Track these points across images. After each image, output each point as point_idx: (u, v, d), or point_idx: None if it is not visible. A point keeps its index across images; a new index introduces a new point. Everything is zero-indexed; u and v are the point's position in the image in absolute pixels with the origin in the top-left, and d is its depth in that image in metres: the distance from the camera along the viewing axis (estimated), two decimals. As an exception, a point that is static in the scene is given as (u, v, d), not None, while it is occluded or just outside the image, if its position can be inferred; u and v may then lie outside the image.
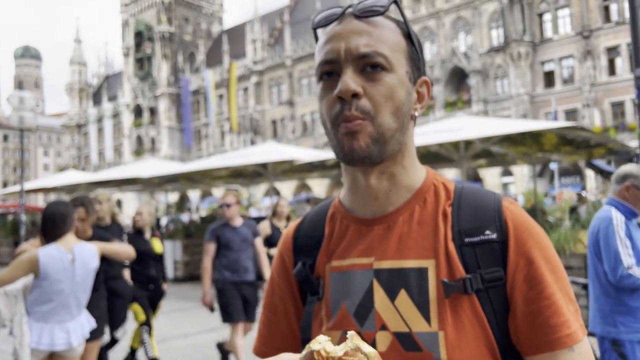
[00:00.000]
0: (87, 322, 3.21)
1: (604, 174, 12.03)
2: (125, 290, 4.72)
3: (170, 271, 11.74)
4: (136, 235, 5.42)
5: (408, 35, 0.84)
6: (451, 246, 0.79)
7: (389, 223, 0.83)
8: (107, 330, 4.29)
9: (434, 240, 0.80)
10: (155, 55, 56.87)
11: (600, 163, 13.41)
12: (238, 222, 5.06)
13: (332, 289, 0.85)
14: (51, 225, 3.07)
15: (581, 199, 12.26)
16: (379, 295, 0.80)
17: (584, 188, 29.21)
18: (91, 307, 3.30)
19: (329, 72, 0.80)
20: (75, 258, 3.08)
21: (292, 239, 0.95)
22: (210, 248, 4.92)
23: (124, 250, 3.63)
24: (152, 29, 56.94)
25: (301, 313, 0.91)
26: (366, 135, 0.77)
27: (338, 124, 0.78)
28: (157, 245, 5.77)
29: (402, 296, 0.79)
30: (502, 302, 0.77)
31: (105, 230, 4.25)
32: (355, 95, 0.77)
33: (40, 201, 56.05)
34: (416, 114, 0.84)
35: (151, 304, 5.52)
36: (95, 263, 3.22)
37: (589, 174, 28.13)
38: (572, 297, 0.78)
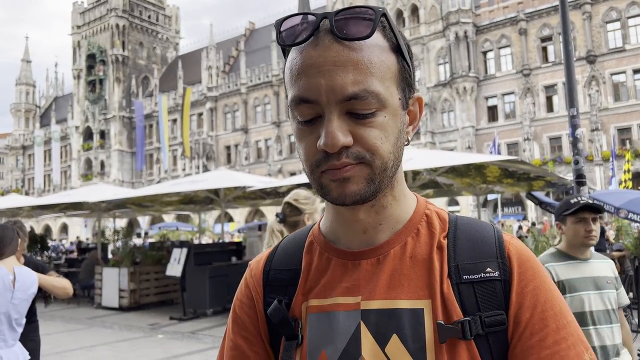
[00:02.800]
0: (21, 354, 3.04)
1: (543, 205, 12.68)
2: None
3: (114, 300, 11.41)
4: None
5: (398, 48, 0.70)
6: (447, 284, 0.69)
7: (379, 257, 0.73)
8: None
9: (429, 276, 0.70)
10: (107, 78, 55.81)
11: (540, 194, 14.12)
12: None
13: (311, 332, 0.73)
14: None
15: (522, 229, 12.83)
16: (367, 341, 0.69)
17: (524, 218, 30.51)
18: (24, 339, 3.14)
19: (308, 119, 0.68)
20: (17, 279, 2.99)
21: (262, 272, 0.81)
22: None
23: (62, 285, 3.37)
24: (105, 52, 55.99)
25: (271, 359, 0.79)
26: (361, 178, 0.67)
27: (322, 171, 0.68)
28: None
29: (394, 342, 0.68)
30: (502, 350, 0.68)
31: None
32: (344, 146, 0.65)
33: (-24, 226, 52.89)
34: (409, 138, 0.74)
35: None
36: (34, 290, 3.11)
37: (530, 204, 29.43)
38: (586, 343, 0.68)
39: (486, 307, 0.68)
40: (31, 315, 3.29)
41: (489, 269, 0.70)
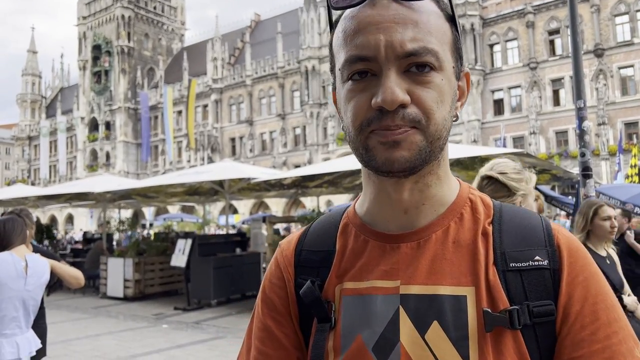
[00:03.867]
0: (33, 340, 3.09)
1: (548, 199, 12.63)
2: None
3: (119, 289, 11.49)
4: None
5: (452, 19, 0.70)
6: (493, 271, 0.66)
7: (420, 241, 0.70)
8: None
9: (473, 263, 0.67)
10: (113, 69, 55.84)
11: (545, 188, 14.06)
12: None
13: (346, 315, 0.70)
14: (3, 234, 3.01)
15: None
16: (406, 327, 0.66)
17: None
18: (33, 325, 3.18)
19: (363, 71, 0.65)
20: (29, 266, 3.02)
21: (294, 253, 0.79)
22: None
23: (76, 275, 3.41)
24: (111, 43, 55.97)
25: (301, 344, 0.75)
26: (413, 144, 0.64)
27: (369, 131, 0.65)
28: None
29: (435, 329, 0.65)
30: (550, 342, 0.65)
31: None
32: (401, 104, 0.63)
33: (-17, 216, 53.26)
34: (457, 114, 0.71)
35: None
36: (46, 277, 3.15)
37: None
38: (636, 338, 0.66)
39: (534, 296, 0.66)
40: (41, 302, 3.33)
41: (537, 257, 0.67)
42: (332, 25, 0.72)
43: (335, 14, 0.72)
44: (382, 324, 0.68)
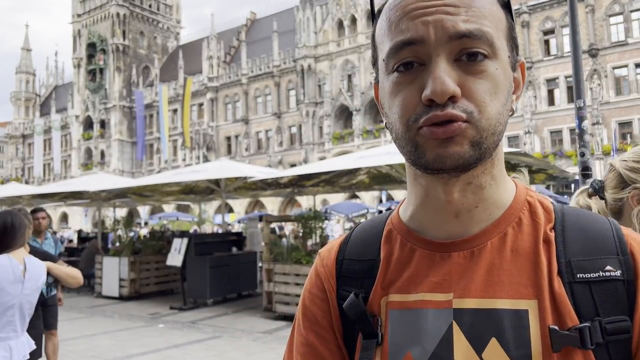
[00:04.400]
0: (27, 343, 3.06)
1: (543, 198, 12.69)
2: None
3: (115, 289, 11.44)
4: None
5: (507, 6, 0.65)
6: (558, 283, 0.60)
7: (473, 249, 0.64)
8: None
9: (535, 274, 0.61)
10: (108, 67, 55.61)
11: (540, 188, 14.14)
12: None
13: (393, 331, 0.65)
14: (3, 235, 2.97)
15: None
16: (461, 344, 0.61)
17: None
18: (28, 326, 3.15)
19: (409, 62, 0.60)
20: (27, 270, 2.99)
21: (335, 262, 0.74)
22: None
23: (74, 274, 3.43)
24: (106, 41, 55.74)
25: (345, 359, 0.71)
26: (465, 139, 0.59)
27: (419, 126, 0.60)
28: None
29: (493, 347, 0.59)
30: None
31: None
32: (451, 97, 0.58)
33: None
34: (514, 107, 0.66)
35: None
36: (43, 279, 3.12)
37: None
38: None
39: (606, 311, 0.58)
40: (36, 304, 3.30)
41: (608, 267, 0.60)
42: (375, 16, 0.67)
43: (377, 3, 0.68)
44: (434, 341, 0.62)
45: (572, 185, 10.93)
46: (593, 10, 31.88)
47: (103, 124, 55.49)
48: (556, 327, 0.58)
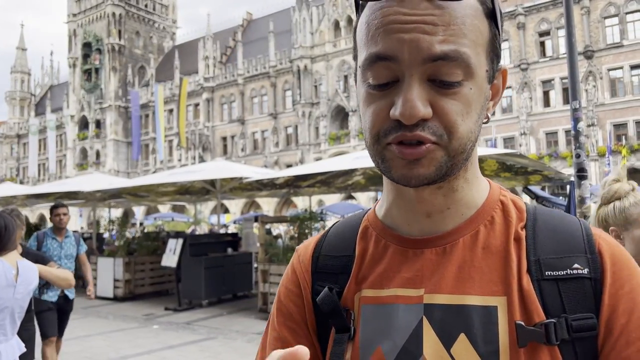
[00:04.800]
0: (17, 346, 3.02)
1: (539, 200, 12.70)
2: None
3: (109, 290, 11.38)
4: None
5: (492, 14, 0.62)
6: (527, 280, 0.61)
7: (446, 246, 0.65)
8: None
9: (505, 271, 0.62)
10: (103, 67, 55.42)
11: (536, 189, 14.14)
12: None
13: (365, 325, 0.66)
14: (5, 233, 2.92)
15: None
16: (430, 339, 0.61)
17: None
18: (20, 328, 3.11)
19: (383, 83, 0.60)
20: (19, 274, 2.95)
21: (311, 258, 0.75)
22: None
23: (64, 276, 3.41)
24: (101, 41, 55.55)
25: (318, 355, 0.71)
26: (433, 161, 0.59)
27: (387, 143, 0.60)
28: None
29: (462, 342, 0.60)
30: (590, 359, 0.59)
31: None
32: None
33: (-30, 214, 52.67)
34: (489, 114, 0.65)
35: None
36: (35, 283, 3.09)
37: (527, 198, 29.50)
38: None
39: (573, 308, 0.59)
40: (28, 305, 3.26)
41: (576, 265, 0.61)
42: (358, 7, 0.64)
43: None
44: (404, 335, 0.63)
45: (568, 187, 10.91)
46: (588, 12, 32.00)
47: (98, 124, 55.31)
48: (522, 323, 0.59)
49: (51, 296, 5.05)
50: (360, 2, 0.63)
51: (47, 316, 5.02)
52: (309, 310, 0.72)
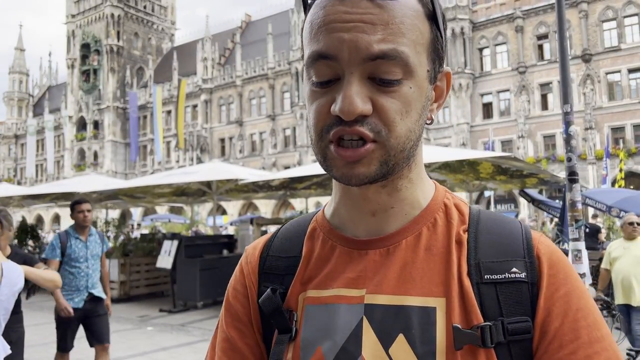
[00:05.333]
0: (2, 348, 2.94)
1: (535, 203, 12.69)
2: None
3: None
4: None
5: (433, 16, 0.63)
6: (467, 283, 0.61)
7: (389, 247, 0.65)
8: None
9: (446, 273, 0.62)
10: (102, 68, 55.39)
11: (532, 192, 14.14)
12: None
13: (307, 326, 0.66)
14: None
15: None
16: (369, 340, 0.62)
17: (517, 215, 30.62)
18: (8, 330, 3.06)
19: (325, 81, 0.61)
20: (4, 275, 2.95)
21: (259, 259, 0.74)
22: None
23: (51, 278, 3.33)
24: (100, 42, 55.53)
25: (263, 355, 0.71)
26: (374, 160, 0.60)
27: (329, 140, 0.61)
28: None
29: (400, 342, 0.60)
30: None
31: None
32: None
33: (-33, 215, 52.54)
34: (433, 116, 0.66)
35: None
36: (21, 284, 3.06)
37: (523, 201, 29.53)
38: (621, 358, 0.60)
39: (510, 311, 0.60)
40: (15, 306, 3.23)
41: (514, 269, 0.62)
42: (306, 10, 0.65)
43: None
44: (343, 336, 0.63)
45: (564, 190, 10.95)
46: (586, 16, 32.08)
47: (96, 125, 55.24)
48: (459, 326, 0.59)
49: (77, 302, 4.59)
50: (308, 1, 0.63)
51: (65, 327, 4.61)
52: (254, 311, 0.72)
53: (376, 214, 0.67)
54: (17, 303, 3.32)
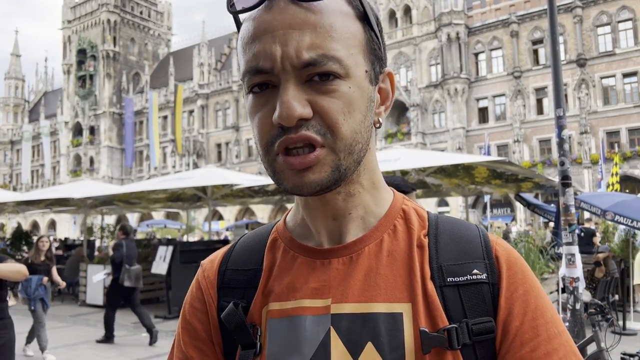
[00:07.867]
0: None
1: (531, 207, 12.72)
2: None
3: (99, 297, 11.29)
4: None
5: (364, 17, 0.62)
6: (430, 286, 0.62)
7: (352, 255, 0.65)
8: None
9: (409, 278, 0.62)
10: (98, 73, 55.34)
11: (528, 196, 14.17)
12: None
13: (272, 340, 0.64)
14: None
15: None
16: (338, 350, 0.61)
17: (513, 219, 30.67)
18: None
19: (262, 83, 0.60)
20: None
21: (217, 273, 0.71)
22: None
23: (16, 269, 3.27)
24: (96, 48, 55.50)
25: None
26: (324, 166, 0.59)
27: (275, 153, 0.59)
28: None
29: (369, 351, 0.60)
30: None
31: None
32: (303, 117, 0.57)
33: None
34: (380, 119, 0.65)
35: None
36: None
37: (519, 206, 29.59)
38: (578, 355, 0.61)
39: (473, 313, 0.61)
40: (2, 312, 3.20)
41: (475, 271, 0.63)
42: (238, 26, 0.64)
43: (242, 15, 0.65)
44: (311, 348, 0.61)
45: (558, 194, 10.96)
46: (581, 21, 32.27)
47: (92, 131, 55.14)
48: (426, 330, 0.59)
49: None
50: (236, 15, 0.62)
51: None
52: (215, 328, 0.69)
53: (336, 218, 0.66)
54: (2, 309, 3.28)
